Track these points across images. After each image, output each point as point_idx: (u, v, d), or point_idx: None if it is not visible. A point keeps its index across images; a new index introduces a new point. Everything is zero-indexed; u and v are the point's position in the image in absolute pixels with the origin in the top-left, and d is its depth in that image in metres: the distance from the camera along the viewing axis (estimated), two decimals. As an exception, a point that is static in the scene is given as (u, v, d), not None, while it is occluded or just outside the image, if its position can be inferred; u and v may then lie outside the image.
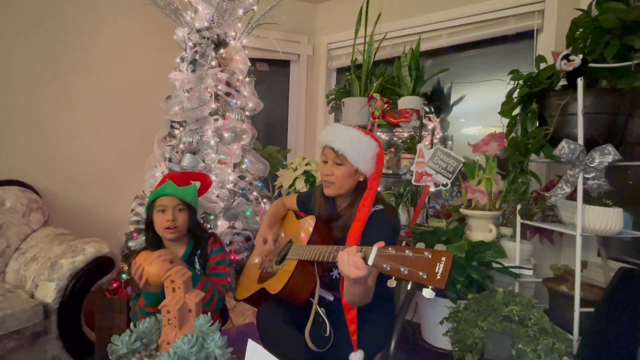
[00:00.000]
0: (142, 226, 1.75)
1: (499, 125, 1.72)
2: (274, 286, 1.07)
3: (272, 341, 1.01)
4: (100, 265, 1.49)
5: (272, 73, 2.91)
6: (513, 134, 1.58)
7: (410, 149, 2.09)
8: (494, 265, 1.49)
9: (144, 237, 1.41)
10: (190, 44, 1.88)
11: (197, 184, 1.29)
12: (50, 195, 1.98)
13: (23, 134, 1.90)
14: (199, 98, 1.80)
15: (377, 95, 2.09)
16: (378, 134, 2.38)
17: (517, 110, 1.58)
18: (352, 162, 1.07)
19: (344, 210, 1.14)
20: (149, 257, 0.96)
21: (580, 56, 1.20)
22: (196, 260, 1.21)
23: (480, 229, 1.67)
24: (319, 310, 1.05)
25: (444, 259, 0.59)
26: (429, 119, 2.31)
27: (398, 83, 2.14)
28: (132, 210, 1.91)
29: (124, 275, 1.72)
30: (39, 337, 1.33)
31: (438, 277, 0.57)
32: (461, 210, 1.75)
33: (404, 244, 1.40)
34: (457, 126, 2.41)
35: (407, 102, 2.04)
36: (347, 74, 2.41)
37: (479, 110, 2.33)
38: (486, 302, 1.27)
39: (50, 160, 2.00)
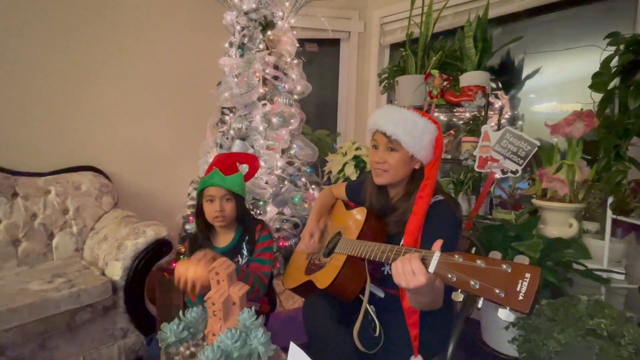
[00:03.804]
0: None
1: (582, 102, 1.45)
2: (322, 280, 1.02)
3: (318, 338, 0.97)
4: (159, 247, 1.56)
5: (321, 53, 2.80)
6: (607, 112, 1.31)
7: (473, 131, 1.88)
8: (575, 266, 1.29)
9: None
10: (238, 27, 1.85)
11: (245, 168, 1.27)
12: (119, 179, 2.14)
13: (95, 124, 2.05)
14: (247, 83, 1.78)
15: (435, 72, 1.89)
16: (436, 114, 2.18)
17: (613, 83, 1.30)
18: (406, 147, 0.96)
19: (399, 202, 1.04)
20: (191, 265, 0.93)
21: None
22: (244, 246, 1.21)
23: (558, 224, 1.45)
24: (369, 308, 0.98)
25: (528, 275, 0.47)
26: (496, 97, 2.04)
27: (460, 57, 1.90)
28: (188, 194, 1.99)
29: (182, 257, 1.81)
30: (109, 310, 1.46)
31: (520, 297, 0.46)
32: (534, 201, 1.53)
33: (473, 250, 1.25)
34: (529, 104, 2.11)
35: (470, 78, 1.82)
36: (402, 49, 2.21)
37: (558, 84, 2.00)
38: (565, 310, 1.09)
39: (118, 147, 2.14)
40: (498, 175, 1.67)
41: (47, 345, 1.29)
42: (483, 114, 1.82)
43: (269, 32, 1.87)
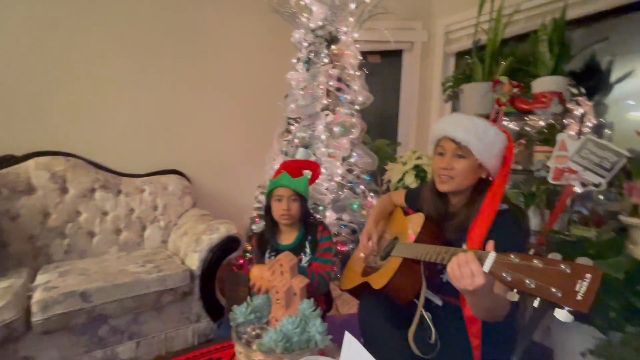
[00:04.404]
0: (263, 212, 1.99)
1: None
2: (377, 281, 1.05)
3: (372, 337, 1.00)
4: (229, 243, 1.73)
5: (384, 64, 2.85)
6: None
7: (548, 140, 1.74)
8: (674, 294, 1.12)
9: (264, 222, 1.59)
10: (305, 44, 2.00)
11: (309, 173, 1.37)
12: (198, 182, 2.42)
13: (179, 133, 2.36)
14: (312, 95, 1.90)
15: (504, 79, 1.81)
16: (504, 123, 2.06)
17: None
18: (476, 155, 0.95)
19: (460, 209, 1.03)
20: (264, 274, 1.02)
21: None
22: (307, 245, 1.30)
23: (652, 245, 1.28)
24: (425, 314, 0.98)
25: (588, 276, 0.46)
26: (577, 103, 1.87)
27: (533, 62, 1.80)
28: (255, 197, 2.17)
29: (247, 254, 1.98)
30: (187, 296, 1.66)
31: (579, 297, 0.45)
32: (622, 218, 1.37)
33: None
34: (621, 111, 1.88)
35: (544, 84, 1.70)
36: (467, 57, 2.15)
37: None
38: (657, 340, 0.96)
39: (198, 154, 2.43)
40: (577, 188, 1.52)
41: (138, 320, 1.51)
42: (560, 121, 1.69)
43: (333, 47, 1.99)
